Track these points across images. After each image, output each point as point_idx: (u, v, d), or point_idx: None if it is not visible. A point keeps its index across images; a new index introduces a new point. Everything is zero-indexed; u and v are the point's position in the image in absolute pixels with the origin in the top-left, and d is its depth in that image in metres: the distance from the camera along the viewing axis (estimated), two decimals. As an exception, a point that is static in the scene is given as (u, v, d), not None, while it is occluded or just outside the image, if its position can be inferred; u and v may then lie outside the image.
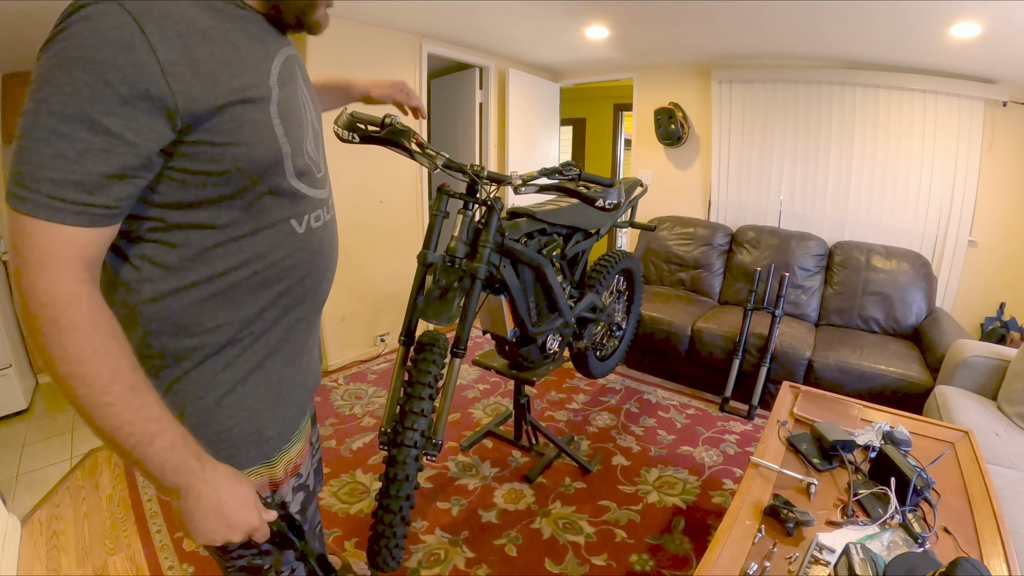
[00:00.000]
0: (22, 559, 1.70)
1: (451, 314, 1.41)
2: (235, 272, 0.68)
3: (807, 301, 3.14)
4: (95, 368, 0.56)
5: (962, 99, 2.93)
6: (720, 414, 2.71)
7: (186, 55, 0.57)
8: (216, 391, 0.72)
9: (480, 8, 2.75)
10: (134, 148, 0.55)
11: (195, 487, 0.63)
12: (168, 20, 0.56)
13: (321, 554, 0.82)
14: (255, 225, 0.68)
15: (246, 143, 0.63)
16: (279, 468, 0.82)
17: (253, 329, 0.73)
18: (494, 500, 1.99)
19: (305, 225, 0.74)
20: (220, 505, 0.65)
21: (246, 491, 0.69)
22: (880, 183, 3.24)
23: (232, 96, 0.61)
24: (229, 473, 0.67)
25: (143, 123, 0.55)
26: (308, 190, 0.74)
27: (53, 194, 0.53)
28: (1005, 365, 2.13)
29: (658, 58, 3.71)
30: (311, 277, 0.78)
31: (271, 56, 0.69)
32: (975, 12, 2.13)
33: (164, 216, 0.63)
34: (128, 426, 0.58)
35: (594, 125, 6.07)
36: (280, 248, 0.71)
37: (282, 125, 0.68)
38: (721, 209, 3.78)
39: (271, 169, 0.67)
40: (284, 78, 0.70)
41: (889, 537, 1.12)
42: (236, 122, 0.62)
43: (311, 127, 0.77)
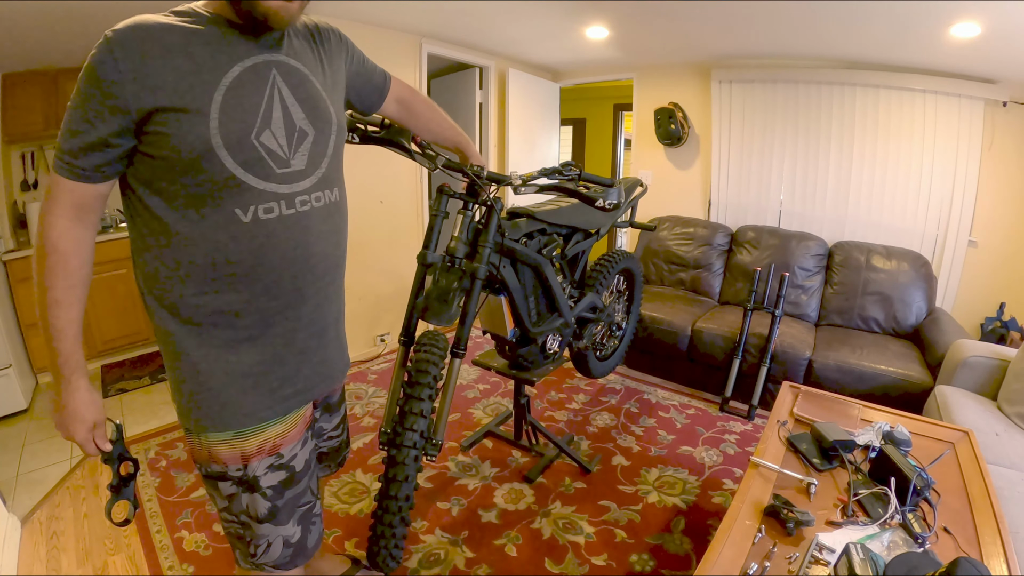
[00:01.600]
0: (22, 559, 1.70)
1: (451, 314, 1.41)
2: (187, 251, 0.84)
3: (807, 301, 3.14)
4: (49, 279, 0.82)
5: (962, 99, 2.93)
6: (720, 414, 2.71)
7: (141, 67, 0.76)
8: (192, 358, 0.89)
9: (480, 8, 2.75)
10: (97, 130, 0.78)
11: (60, 387, 0.87)
12: (138, 43, 0.76)
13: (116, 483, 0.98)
14: (199, 209, 0.82)
15: (177, 134, 0.78)
16: (251, 444, 0.93)
17: (211, 307, 0.87)
18: (494, 500, 1.99)
19: (251, 215, 0.84)
20: (64, 411, 0.88)
21: (87, 413, 0.89)
22: (880, 183, 3.24)
23: (169, 102, 0.77)
24: (85, 396, 0.88)
25: (105, 115, 0.77)
26: (257, 182, 0.84)
27: (60, 158, 0.80)
28: (1005, 365, 2.13)
29: (658, 58, 3.71)
30: (266, 267, 0.87)
31: (231, 64, 0.82)
32: (975, 12, 2.13)
33: (141, 193, 0.84)
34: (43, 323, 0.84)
35: (594, 125, 6.07)
36: (222, 233, 0.83)
37: (219, 121, 0.80)
38: (721, 209, 3.78)
39: (204, 157, 0.79)
40: (242, 82, 0.82)
41: (889, 537, 1.12)
42: (170, 119, 0.78)
43: (279, 123, 0.86)
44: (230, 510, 0.96)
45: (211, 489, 0.97)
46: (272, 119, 0.85)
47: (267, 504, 0.96)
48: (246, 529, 0.98)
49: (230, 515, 0.97)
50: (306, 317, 0.96)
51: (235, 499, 0.95)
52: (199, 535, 1.78)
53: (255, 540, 0.98)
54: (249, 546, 0.99)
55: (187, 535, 1.78)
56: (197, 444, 0.93)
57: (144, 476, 2.10)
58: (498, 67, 3.87)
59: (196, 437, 0.92)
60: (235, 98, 0.81)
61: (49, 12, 2.20)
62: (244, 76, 0.83)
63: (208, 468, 0.94)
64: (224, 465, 0.92)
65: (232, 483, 0.94)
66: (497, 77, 3.89)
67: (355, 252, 3.39)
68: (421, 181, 3.46)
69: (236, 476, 0.93)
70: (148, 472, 2.13)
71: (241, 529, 0.98)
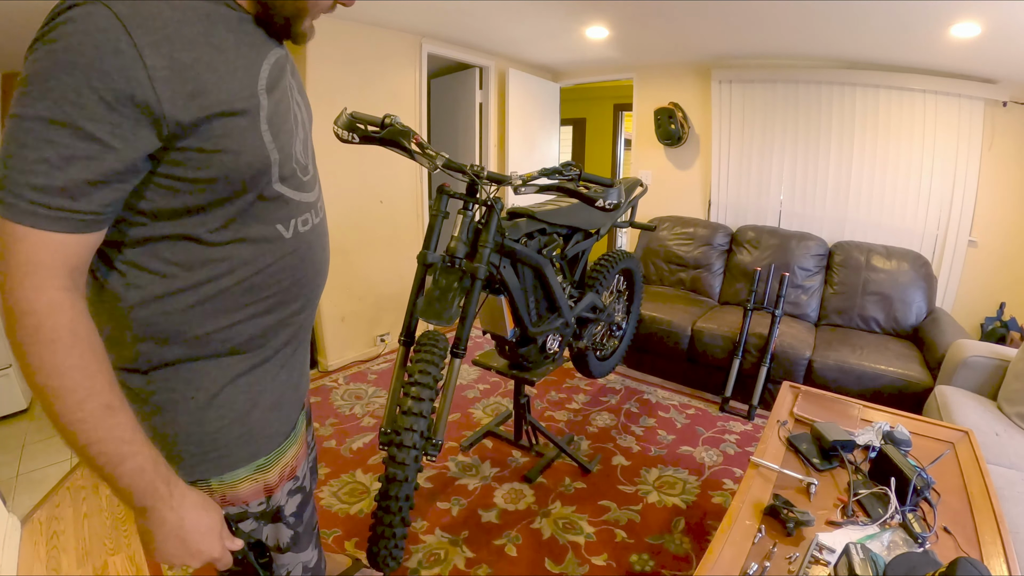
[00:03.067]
0: (22, 559, 1.70)
1: (451, 314, 1.41)
2: (223, 279, 0.68)
3: (807, 301, 3.14)
4: (71, 383, 0.56)
5: (962, 99, 2.93)
6: (720, 414, 2.71)
7: (174, 61, 0.56)
8: (206, 393, 0.72)
9: (480, 8, 2.75)
10: (118, 154, 0.54)
11: (160, 511, 0.64)
12: (156, 23, 0.55)
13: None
14: (242, 232, 0.67)
15: (234, 151, 0.62)
16: (273, 473, 0.82)
17: (244, 335, 0.72)
18: (494, 500, 1.99)
19: (292, 230, 0.73)
20: (183, 532, 0.66)
21: (211, 520, 0.69)
22: (880, 183, 3.24)
23: (220, 106, 0.60)
24: (197, 501, 0.68)
25: (128, 129, 0.54)
26: (294, 194, 0.73)
27: (37, 200, 0.52)
28: (1005, 365, 2.13)
29: (658, 58, 3.71)
30: (300, 282, 0.77)
31: (260, 60, 0.67)
32: (975, 12, 2.13)
33: (152, 223, 0.63)
34: (99, 444, 0.58)
35: (594, 125, 6.07)
36: (267, 254, 0.71)
37: (270, 131, 0.67)
38: (721, 209, 3.78)
39: (259, 176, 0.66)
40: (273, 82, 0.69)
41: (889, 537, 1.12)
42: (224, 130, 0.61)
43: (301, 129, 0.77)
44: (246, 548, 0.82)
45: None
46: (297, 125, 0.75)
47: (289, 532, 0.87)
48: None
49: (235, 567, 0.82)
50: (310, 321, 0.88)
51: (255, 534, 0.83)
52: (199, 535, 1.77)
53: (276, 571, 0.88)
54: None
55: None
56: (205, 491, 0.75)
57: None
58: (498, 67, 3.87)
59: (202, 484, 0.75)
60: (273, 102, 0.68)
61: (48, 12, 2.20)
62: (272, 75, 0.69)
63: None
64: (245, 504, 0.79)
65: (253, 520, 0.81)
66: (497, 77, 3.89)
67: (355, 252, 3.41)
68: (421, 181, 3.46)
69: (258, 512, 0.81)
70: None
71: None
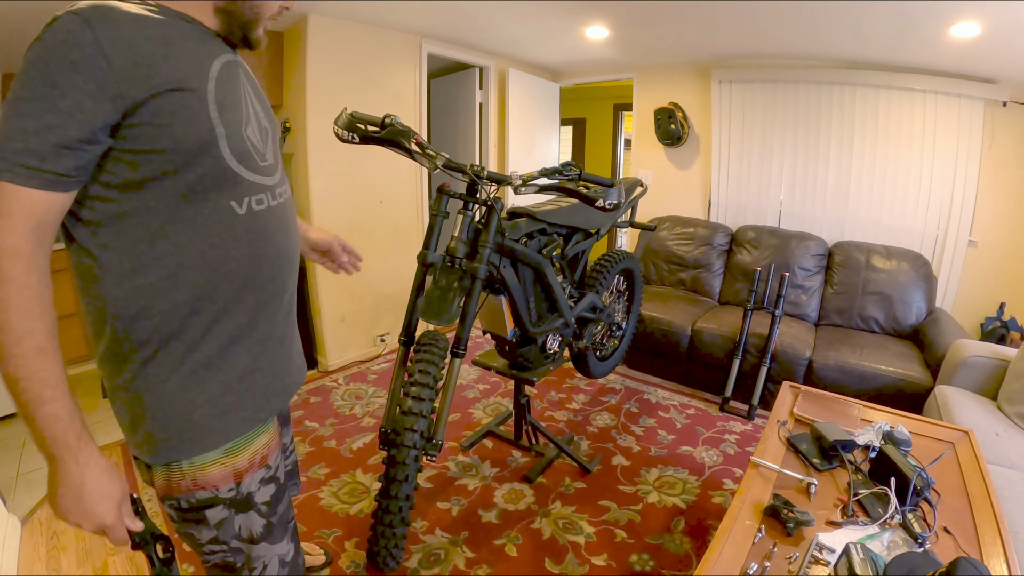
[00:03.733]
0: (22, 559, 1.70)
1: (451, 315, 1.41)
2: (182, 251, 0.75)
3: (807, 301, 3.14)
4: (15, 319, 0.64)
5: (962, 99, 2.93)
6: (720, 414, 2.71)
7: (130, 49, 0.67)
8: (179, 374, 0.78)
9: (480, 8, 2.75)
10: (80, 123, 0.65)
11: (66, 462, 0.69)
12: (117, 23, 0.67)
13: None
14: (197, 205, 0.75)
15: (182, 123, 0.71)
16: (243, 458, 0.85)
17: (209, 311, 0.78)
18: (494, 500, 1.99)
19: (246, 207, 0.80)
20: (81, 489, 0.70)
21: (111, 487, 0.73)
22: (880, 183, 3.24)
23: (170, 84, 0.70)
24: (102, 464, 0.72)
25: (89, 103, 0.65)
26: (248, 174, 0.81)
27: (16, 160, 0.63)
28: (1005, 365, 2.13)
29: (658, 58, 3.71)
30: (259, 260, 0.83)
31: (212, 56, 0.78)
32: (975, 12, 2.13)
33: (117, 198, 0.71)
34: (27, 381, 0.65)
35: (594, 125, 6.07)
36: (221, 226, 0.77)
37: (217, 111, 0.75)
38: (721, 209, 3.78)
39: (207, 147, 0.74)
40: (223, 77, 0.78)
41: (889, 537, 1.12)
42: (173, 105, 0.70)
43: (254, 119, 0.85)
44: (218, 539, 0.85)
45: (191, 525, 0.84)
46: (249, 115, 0.83)
47: (262, 521, 0.89)
48: (236, 554, 0.88)
49: (218, 544, 0.86)
50: (285, 307, 0.92)
51: (225, 524, 0.85)
52: (199, 535, 1.77)
53: (249, 564, 0.89)
54: (241, 571, 0.89)
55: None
56: (176, 475, 0.80)
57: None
58: (498, 67, 3.87)
59: (175, 467, 0.80)
60: (222, 90, 0.77)
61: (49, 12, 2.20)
62: (223, 71, 0.79)
63: (192, 498, 0.82)
64: (214, 488, 0.82)
65: (223, 506, 0.84)
66: (497, 77, 3.89)
67: (355, 252, 3.36)
68: (421, 181, 3.46)
69: (228, 497, 0.84)
70: (148, 472, 2.13)
71: (230, 555, 0.87)
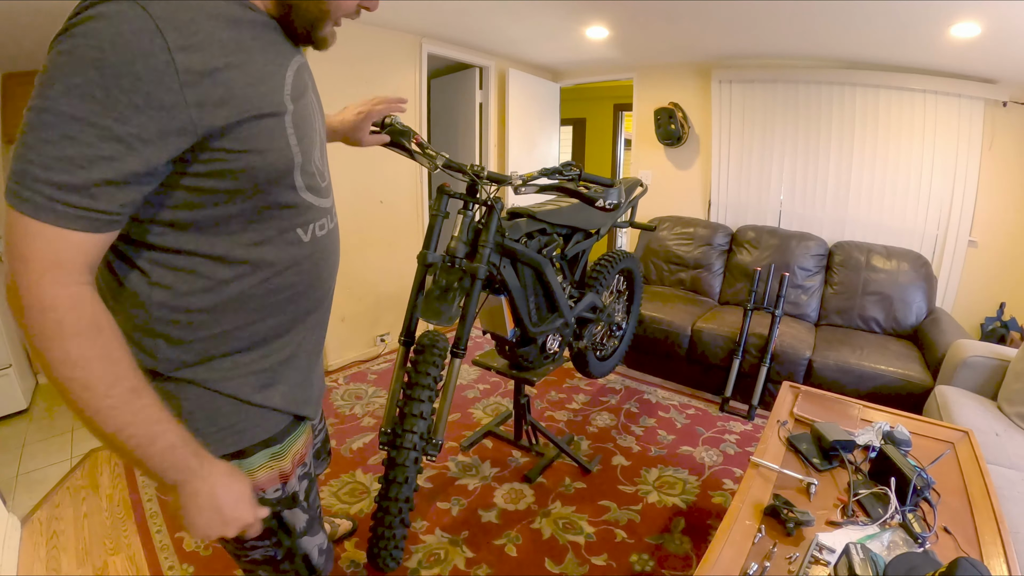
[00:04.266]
0: (22, 559, 1.70)
1: (450, 315, 1.41)
2: (245, 279, 0.68)
3: (807, 301, 3.14)
4: (99, 371, 0.56)
5: (962, 99, 2.93)
6: (720, 414, 2.71)
7: (205, 66, 0.56)
8: (223, 388, 0.73)
9: (480, 8, 2.75)
10: (142, 157, 0.54)
11: (193, 484, 0.65)
12: (190, 28, 0.55)
13: (305, 554, 0.86)
14: (263, 234, 0.68)
15: (260, 151, 0.63)
16: (287, 460, 0.83)
17: (260, 334, 0.74)
18: (494, 500, 1.99)
19: (311, 234, 0.74)
20: (216, 501, 0.66)
21: (241, 488, 0.70)
22: (880, 183, 3.24)
23: (251, 110, 0.61)
24: (226, 470, 0.69)
25: (154, 133, 0.54)
26: (314, 199, 0.74)
27: (57, 197, 0.52)
28: (1005, 365, 2.13)
29: (658, 58, 3.71)
30: (315, 284, 0.79)
31: (285, 66, 0.68)
32: (975, 12, 2.13)
33: (175, 221, 0.63)
34: (130, 428, 0.59)
35: (594, 125, 6.07)
36: (287, 258, 0.72)
37: (295, 135, 0.68)
38: (721, 209, 3.78)
39: (282, 178, 0.67)
40: (298, 89, 0.70)
41: (889, 537, 1.12)
42: (251, 132, 0.62)
43: (319, 136, 0.78)
44: (263, 536, 0.82)
45: None
46: (317, 132, 0.76)
47: (305, 516, 0.88)
48: (279, 549, 0.85)
49: (261, 541, 0.83)
50: (325, 320, 0.90)
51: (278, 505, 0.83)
52: (199, 535, 1.77)
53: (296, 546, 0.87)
54: (283, 564, 0.87)
55: (187, 535, 1.78)
56: None
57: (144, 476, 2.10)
58: (498, 67, 3.87)
59: None
60: (298, 110, 0.69)
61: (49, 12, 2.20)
62: (296, 82, 0.69)
63: None
64: (262, 491, 0.80)
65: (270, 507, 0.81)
66: (497, 77, 3.89)
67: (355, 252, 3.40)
68: (421, 181, 3.46)
69: (274, 498, 0.81)
70: (148, 472, 2.13)
71: (273, 551, 0.85)
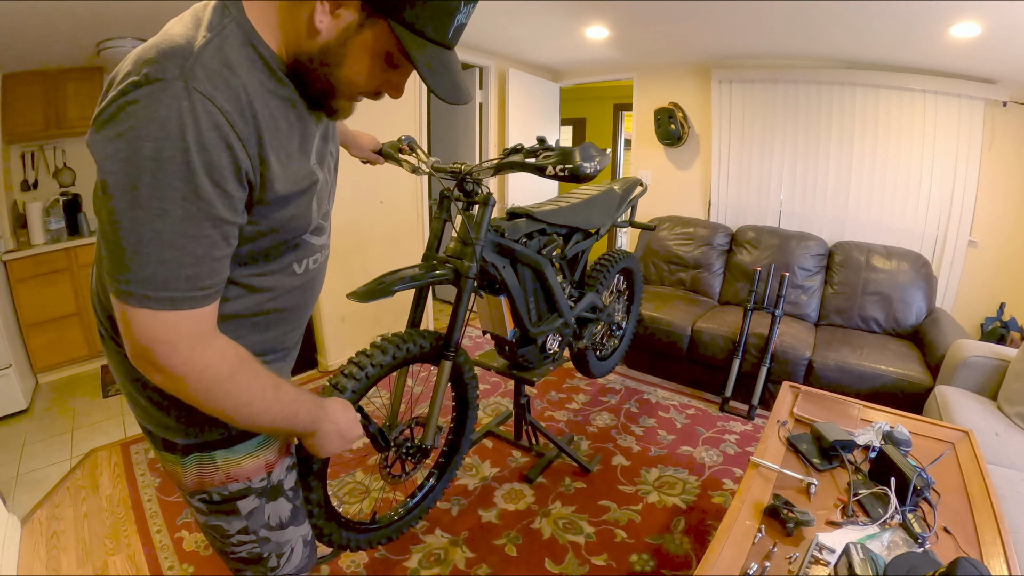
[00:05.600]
0: (22, 559, 1.70)
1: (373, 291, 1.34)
2: (238, 301, 0.76)
3: (807, 301, 3.14)
4: (258, 391, 0.70)
5: (962, 99, 2.93)
6: (720, 414, 2.71)
7: (261, 149, 0.63)
8: None
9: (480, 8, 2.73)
10: (236, 228, 0.64)
11: (324, 426, 0.83)
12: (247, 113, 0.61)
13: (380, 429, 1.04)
14: (266, 267, 0.77)
15: (289, 216, 0.72)
16: (272, 450, 0.89)
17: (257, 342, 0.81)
18: (494, 500, 1.99)
19: (304, 267, 0.83)
20: (339, 428, 0.85)
21: (351, 414, 0.89)
22: (880, 183, 3.24)
23: (292, 187, 0.70)
24: (340, 406, 0.87)
25: (240, 207, 0.63)
26: (315, 240, 0.84)
27: (192, 288, 0.61)
28: (1005, 365, 2.13)
29: (658, 58, 3.71)
30: (301, 308, 0.89)
31: (311, 135, 0.74)
32: (975, 12, 2.13)
33: None
34: (281, 415, 0.75)
35: (594, 125, 6.07)
36: (279, 286, 0.80)
37: (316, 201, 0.77)
38: (721, 209, 3.78)
39: (299, 233, 0.77)
40: (320, 155, 0.78)
41: (889, 537, 1.12)
42: (288, 202, 0.70)
43: (329, 185, 0.86)
44: (247, 529, 0.87)
45: (221, 517, 0.86)
46: (331, 185, 0.86)
47: (289, 506, 0.93)
48: (264, 544, 0.90)
49: (246, 535, 0.88)
50: (302, 334, 0.98)
51: (255, 513, 0.87)
52: (199, 535, 1.77)
53: (277, 550, 0.92)
54: (268, 560, 0.91)
55: (187, 535, 1.78)
56: (210, 469, 0.82)
57: (144, 476, 2.11)
58: (498, 67, 3.87)
59: (207, 460, 0.82)
60: (323, 174, 0.79)
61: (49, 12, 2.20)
62: (319, 147, 0.77)
63: (225, 491, 0.84)
64: (247, 480, 0.84)
65: (255, 496, 0.86)
66: (497, 77, 3.89)
67: (355, 252, 3.40)
68: (421, 181, 3.46)
69: (260, 487, 0.86)
70: (148, 472, 2.13)
71: (258, 547, 0.89)
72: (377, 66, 0.67)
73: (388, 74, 0.70)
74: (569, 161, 1.36)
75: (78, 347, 3.07)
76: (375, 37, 0.63)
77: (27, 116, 2.89)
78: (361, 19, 0.62)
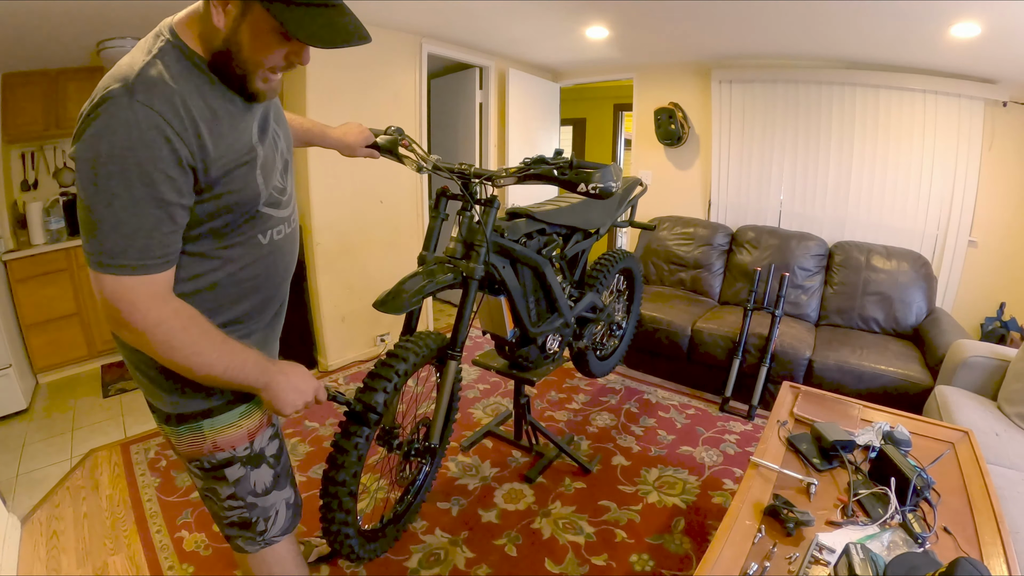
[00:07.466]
0: (22, 559, 1.70)
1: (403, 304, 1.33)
2: (217, 272, 0.89)
3: (807, 301, 3.14)
4: (204, 343, 0.82)
5: (962, 99, 2.93)
6: (720, 414, 2.71)
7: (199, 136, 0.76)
8: None
9: (480, 8, 2.75)
10: (183, 207, 0.78)
11: (276, 378, 0.90)
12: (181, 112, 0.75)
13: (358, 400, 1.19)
14: (232, 239, 0.89)
15: (238, 190, 0.85)
16: (254, 419, 0.98)
17: (233, 313, 0.93)
18: (494, 500, 1.99)
19: (269, 238, 0.95)
20: (291, 381, 0.92)
21: (303, 370, 0.96)
22: (880, 183, 3.24)
23: (234, 162, 0.83)
24: (289, 364, 0.95)
25: (185, 189, 0.77)
26: (274, 212, 0.94)
27: (145, 257, 0.75)
28: (1005, 365, 2.13)
29: (658, 58, 3.71)
30: (272, 275, 0.99)
31: (249, 116, 0.87)
32: (975, 12, 2.13)
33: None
34: (232, 364, 0.85)
35: (594, 125, 6.07)
36: (249, 255, 0.92)
37: (262, 175, 0.88)
38: (721, 209, 3.78)
39: (251, 204, 0.88)
40: (262, 131, 0.90)
41: (889, 537, 1.12)
42: (233, 176, 0.83)
43: (281, 159, 0.97)
44: (236, 495, 0.99)
45: (213, 482, 0.98)
46: (278, 160, 0.95)
47: (271, 472, 1.02)
48: (252, 509, 1.01)
49: (236, 500, 0.99)
50: (283, 308, 1.09)
51: (242, 481, 0.98)
52: (199, 535, 1.78)
53: (264, 514, 1.02)
54: (256, 524, 1.02)
55: (187, 535, 1.78)
56: (198, 437, 0.94)
57: (144, 476, 2.11)
58: (498, 67, 3.87)
59: (196, 430, 0.93)
60: (265, 149, 0.90)
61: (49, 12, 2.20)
62: (260, 124, 0.90)
63: (213, 459, 0.95)
64: (232, 449, 0.96)
65: (240, 464, 0.97)
66: (497, 77, 3.89)
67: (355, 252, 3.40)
68: (421, 181, 3.46)
69: (244, 456, 0.97)
70: (148, 472, 2.13)
71: (247, 512, 1.01)
72: (273, 41, 0.79)
73: (286, 46, 0.80)
74: (602, 181, 1.43)
75: (78, 347, 3.07)
76: (256, 18, 0.76)
77: (27, 116, 2.89)
78: (243, 8, 0.75)
